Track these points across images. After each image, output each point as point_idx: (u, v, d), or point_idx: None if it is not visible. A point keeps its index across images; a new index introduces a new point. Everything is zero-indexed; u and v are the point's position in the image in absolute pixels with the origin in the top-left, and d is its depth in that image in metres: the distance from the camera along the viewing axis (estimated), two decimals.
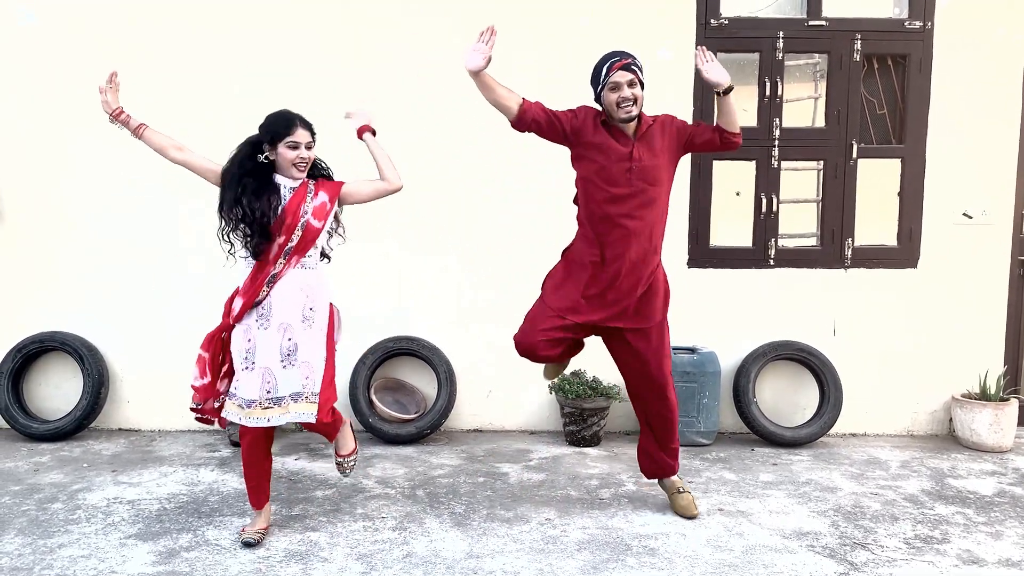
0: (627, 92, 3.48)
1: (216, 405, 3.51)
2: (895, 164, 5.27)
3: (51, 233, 5.17)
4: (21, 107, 5.11)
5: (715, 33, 5.11)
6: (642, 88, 3.54)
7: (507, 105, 3.56)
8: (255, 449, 3.47)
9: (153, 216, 5.15)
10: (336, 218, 3.60)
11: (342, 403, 5.15)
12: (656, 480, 4.02)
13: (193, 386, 3.50)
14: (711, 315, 5.22)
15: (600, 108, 3.62)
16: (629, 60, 3.51)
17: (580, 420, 4.96)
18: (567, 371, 4.77)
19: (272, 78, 5.04)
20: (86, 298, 5.21)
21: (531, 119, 3.58)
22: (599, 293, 3.64)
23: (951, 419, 5.27)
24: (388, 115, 5.08)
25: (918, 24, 5.12)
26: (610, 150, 3.56)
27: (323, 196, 3.46)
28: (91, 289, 5.21)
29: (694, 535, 3.63)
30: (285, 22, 5.09)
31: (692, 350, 5.05)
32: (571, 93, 4.99)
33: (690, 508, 3.84)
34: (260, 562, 3.31)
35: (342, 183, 3.55)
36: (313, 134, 3.45)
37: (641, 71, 3.54)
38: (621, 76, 3.47)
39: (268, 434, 3.48)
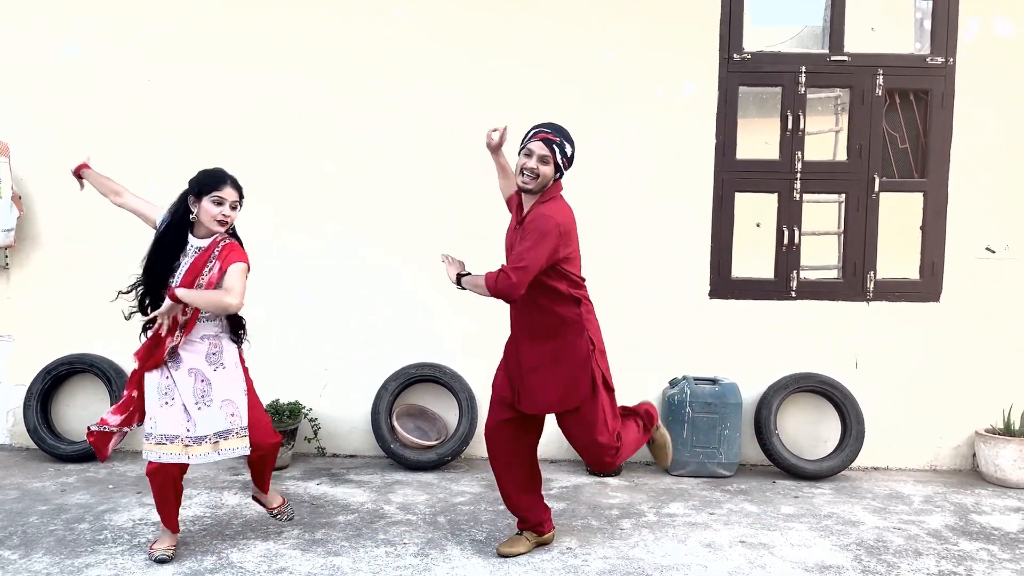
0: (532, 163, 3.32)
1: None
2: (917, 198, 5.28)
3: (82, 256, 5.27)
4: (58, 138, 5.24)
5: (738, 67, 5.17)
6: (557, 172, 3.36)
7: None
8: (168, 488, 3.50)
9: None
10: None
11: (364, 428, 5.22)
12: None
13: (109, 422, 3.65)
14: (732, 346, 5.23)
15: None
16: (552, 136, 3.30)
17: None
18: None
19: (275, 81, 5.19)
20: (114, 320, 5.28)
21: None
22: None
23: (975, 454, 5.23)
24: (405, 148, 5.18)
25: (940, 60, 5.16)
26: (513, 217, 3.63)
27: (218, 267, 3.47)
28: (119, 311, 5.27)
29: (716, 567, 3.63)
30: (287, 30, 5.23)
31: (713, 381, 5.05)
32: (594, 128, 5.08)
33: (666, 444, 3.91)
34: None
35: (235, 264, 3.46)
36: (241, 197, 3.51)
37: (561, 153, 3.31)
38: (536, 147, 3.32)
39: (183, 470, 3.53)
